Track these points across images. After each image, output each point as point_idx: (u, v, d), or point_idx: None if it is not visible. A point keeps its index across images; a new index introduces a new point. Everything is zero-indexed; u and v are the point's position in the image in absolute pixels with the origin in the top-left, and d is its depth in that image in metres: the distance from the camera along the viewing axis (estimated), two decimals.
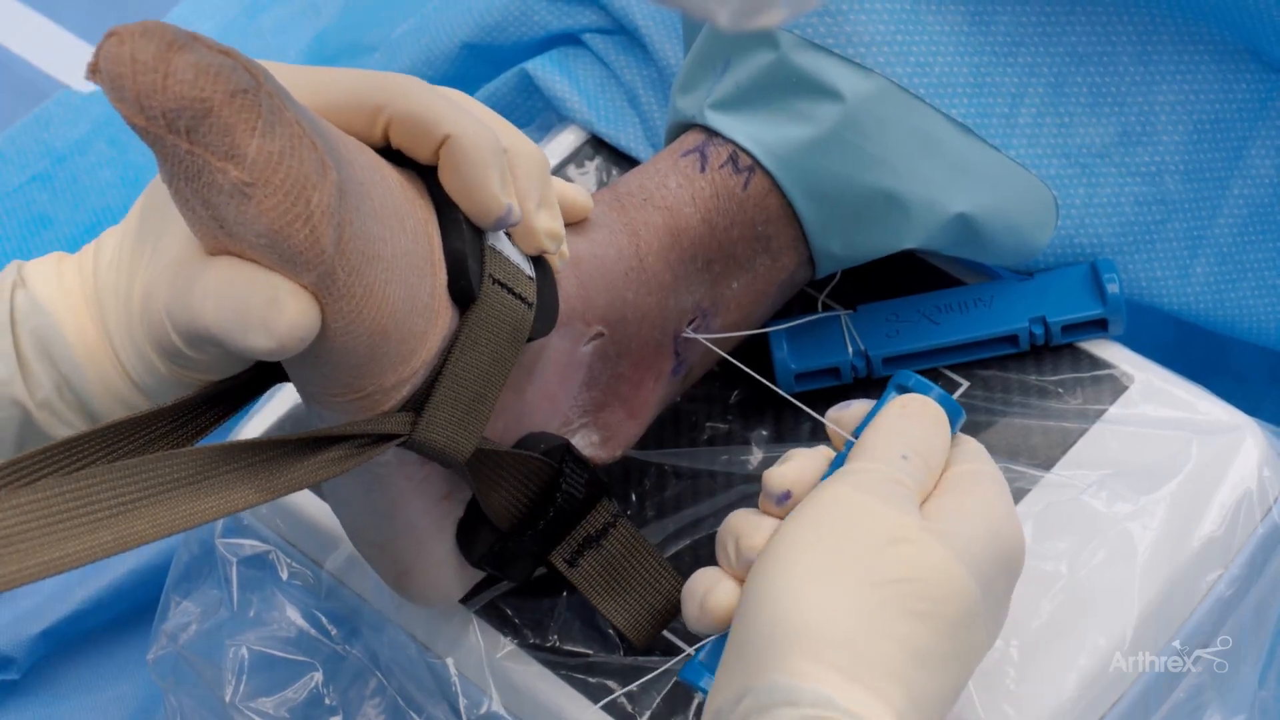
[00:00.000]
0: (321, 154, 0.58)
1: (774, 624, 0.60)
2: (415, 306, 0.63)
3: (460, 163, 0.65)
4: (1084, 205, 0.80)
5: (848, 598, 0.60)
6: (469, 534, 0.72)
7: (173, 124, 0.56)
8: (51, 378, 0.64)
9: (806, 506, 0.64)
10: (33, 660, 0.95)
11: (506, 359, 0.67)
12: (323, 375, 0.63)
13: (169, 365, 0.63)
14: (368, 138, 0.65)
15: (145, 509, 0.59)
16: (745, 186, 0.77)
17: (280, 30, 1.18)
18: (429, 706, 0.77)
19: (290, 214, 0.57)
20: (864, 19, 0.76)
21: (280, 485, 0.62)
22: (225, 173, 0.57)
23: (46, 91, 1.17)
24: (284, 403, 0.84)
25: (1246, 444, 0.77)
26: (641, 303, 0.75)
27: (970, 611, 0.62)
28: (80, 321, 0.64)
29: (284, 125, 0.57)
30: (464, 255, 0.65)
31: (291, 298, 0.59)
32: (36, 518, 0.58)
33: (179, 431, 0.64)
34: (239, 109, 0.56)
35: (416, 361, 0.64)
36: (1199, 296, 0.83)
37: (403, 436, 0.65)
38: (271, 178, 0.57)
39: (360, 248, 0.60)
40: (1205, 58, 0.81)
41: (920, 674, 0.60)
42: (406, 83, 0.65)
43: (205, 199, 0.58)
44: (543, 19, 0.99)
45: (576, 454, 0.72)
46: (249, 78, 0.56)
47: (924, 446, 0.66)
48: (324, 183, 0.58)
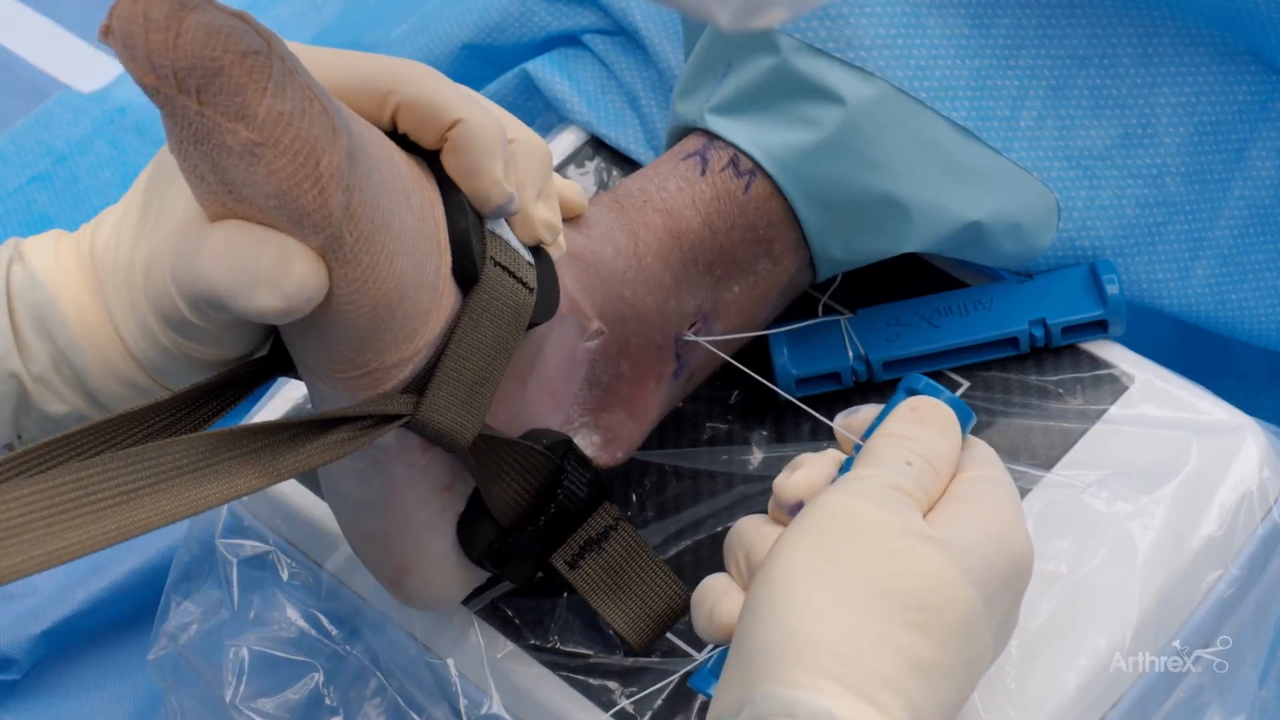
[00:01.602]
0: (332, 117, 0.58)
1: (773, 634, 0.60)
2: (421, 283, 0.63)
3: (466, 147, 0.65)
4: (1085, 207, 0.80)
5: (846, 607, 0.60)
6: (469, 528, 0.72)
7: (183, 83, 0.56)
8: (48, 352, 0.64)
9: (807, 515, 0.63)
10: (33, 660, 0.95)
11: (508, 343, 0.67)
12: (325, 347, 0.63)
13: (171, 335, 0.63)
14: (376, 121, 0.65)
15: (148, 497, 0.59)
16: (746, 190, 0.77)
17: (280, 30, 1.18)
18: (429, 707, 0.77)
19: (299, 175, 0.58)
20: (864, 23, 0.77)
21: (284, 469, 0.62)
22: (235, 133, 0.57)
23: (46, 91, 1.17)
24: (286, 401, 0.84)
25: (1247, 444, 0.77)
26: (640, 302, 0.75)
27: (971, 621, 0.61)
28: (78, 296, 0.65)
29: (295, 88, 0.57)
30: (468, 236, 0.65)
31: (300, 257, 0.59)
32: (39, 509, 0.58)
33: (180, 424, 0.64)
34: (250, 69, 0.56)
35: (420, 340, 0.64)
36: (1200, 298, 0.83)
37: (406, 417, 0.65)
38: (281, 138, 0.57)
39: (369, 214, 0.60)
40: (1206, 60, 0.81)
41: (920, 684, 0.60)
42: (416, 68, 0.65)
43: (214, 161, 0.58)
44: (543, 20, 0.99)
45: (578, 451, 0.72)
46: (260, 40, 0.57)
47: (932, 451, 0.65)
48: (334, 146, 0.58)
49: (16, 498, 0.57)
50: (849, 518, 0.62)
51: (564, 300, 0.71)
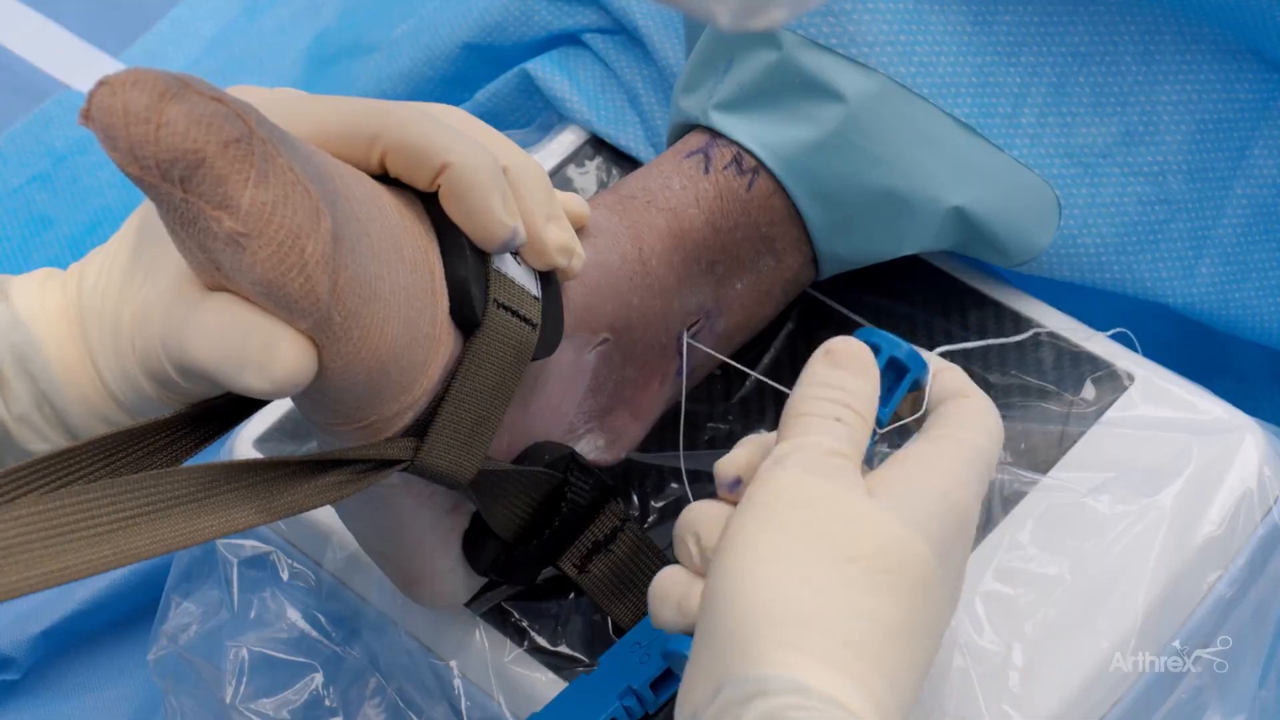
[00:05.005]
0: (316, 200, 0.58)
1: (739, 615, 0.60)
2: (415, 338, 0.63)
3: (461, 191, 0.64)
4: (1086, 205, 0.80)
5: (808, 580, 0.60)
6: (475, 545, 0.72)
7: (166, 173, 0.56)
8: (30, 393, 0.64)
9: (756, 495, 0.63)
10: (33, 660, 0.95)
11: (510, 381, 0.66)
12: (323, 408, 0.63)
13: (158, 389, 0.63)
14: (364, 166, 0.64)
15: (145, 524, 0.59)
16: (749, 188, 0.77)
17: (280, 30, 1.18)
18: (429, 708, 0.77)
19: (285, 264, 0.57)
20: (867, 19, 0.76)
21: (280, 507, 0.62)
22: (220, 221, 0.56)
23: (46, 91, 1.17)
24: (284, 403, 0.84)
25: (1247, 444, 0.77)
26: (646, 306, 0.75)
27: (928, 578, 0.61)
28: (60, 338, 0.64)
29: (277, 174, 0.57)
30: (466, 283, 0.64)
31: (288, 344, 0.59)
32: (37, 529, 0.57)
33: (179, 443, 0.64)
34: (232, 159, 0.56)
35: (418, 390, 0.64)
36: (1204, 296, 0.83)
37: (405, 462, 0.65)
38: (265, 228, 0.57)
39: (356, 290, 0.60)
40: (1208, 57, 0.81)
41: (890, 648, 0.60)
42: (401, 111, 0.64)
43: (201, 243, 0.58)
44: (543, 19, 0.99)
45: (581, 462, 0.72)
46: (241, 126, 0.56)
47: (857, 400, 0.65)
48: (318, 231, 0.58)
49: (14, 518, 0.57)
50: (798, 492, 0.62)
51: (571, 319, 0.71)
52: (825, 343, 0.66)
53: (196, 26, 1.19)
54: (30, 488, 0.59)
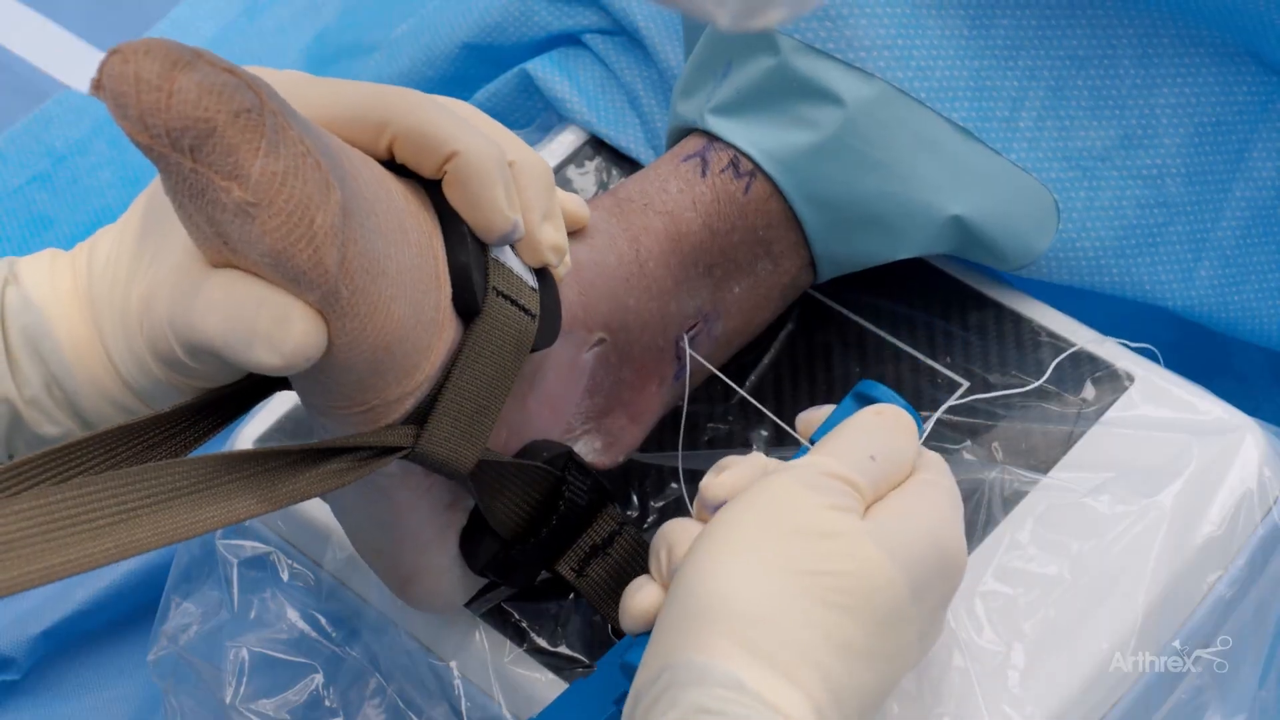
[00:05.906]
0: (325, 173, 0.58)
1: (698, 602, 0.61)
2: (420, 321, 0.63)
3: (466, 180, 0.64)
4: (1085, 208, 0.80)
5: (769, 581, 0.60)
6: (472, 542, 0.72)
7: (176, 142, 0.56)
8: (40, 375, 0.64)
9: (746, 494, 0.64)
10: (33, 660, 0.95)
11: (509, 371, 0.67)
12: (326, 389, 0.63)
13: (166, 371, 0.63)
14: (372, 152, 0.65)
15: (147, 516, 0.59)
16: (746, 191, 0.77)
17: (280, 30, 1.18)
18: (429, 708, 0.77)
19: (294, 235, 0.57)
20: (864, 23, 0.76)
21: (282, 496, 0.62)
22: (229, 192, 0.56)
23: (46, 91, 1.17)
24: (284, 403, 0.84)
25: (1247, 444, 0.77)
26: (643, 308, 0.75)
27: (896, 610, 0.62)
28: (71, 320, 0.64)
29: (288, 145, 0.57)
30: (468, 269, 0.65)
31: (299, 318, 0.59)
32: (38, 523, 0.57)
33: (179, 437, 0.64)
34: (242, 129, 0.56)
35: (420, 375, 0.64)
36: (1204, 299, 0.83)
37: (406, 449, 0.65)
38: (275, 199, 0.57)
39: (364, 265, 0.60)
40: (1206, 60, 0.81)
41: (840, 665, 0.60)
42: (411, 98, 0.65)
43: (209, 216, 0.57)
44: (543, 19, 0.99)
45: (579, 461, 0.72)
46: (252, 96, 0.56)
47: (892, 452, 0.66)
48: (328, 203, 0.58)
49: (15, 511, 0.57)
50: (781, 497, 0.63)
51: (567, 316, 0.71)
52: (876, 405, 0.68)
53: (196, 26, 1.19)
54: (33, 482, 0.59)
